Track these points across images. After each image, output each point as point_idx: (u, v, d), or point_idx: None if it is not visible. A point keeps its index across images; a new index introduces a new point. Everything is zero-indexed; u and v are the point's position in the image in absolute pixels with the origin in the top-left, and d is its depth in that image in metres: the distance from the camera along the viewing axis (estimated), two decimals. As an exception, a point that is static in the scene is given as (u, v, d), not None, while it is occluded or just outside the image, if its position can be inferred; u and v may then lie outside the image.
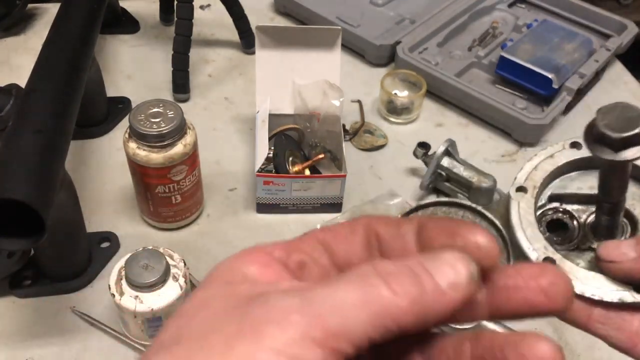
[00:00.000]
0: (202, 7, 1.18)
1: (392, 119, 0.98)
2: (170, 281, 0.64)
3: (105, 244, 0.77)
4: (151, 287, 0.62)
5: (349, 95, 0.95)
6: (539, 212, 0.35)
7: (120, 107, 0.96)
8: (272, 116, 0.86)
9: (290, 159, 0.84)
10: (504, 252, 0.34)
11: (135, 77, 1.04)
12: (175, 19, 0.97)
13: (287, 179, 0.79)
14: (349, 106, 0.98)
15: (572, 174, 0.36)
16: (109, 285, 0.64)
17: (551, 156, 0.35)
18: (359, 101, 0.99)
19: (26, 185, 0.55)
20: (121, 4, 1.14)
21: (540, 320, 0.73)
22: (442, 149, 0.82)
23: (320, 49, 0.86)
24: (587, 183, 0.36)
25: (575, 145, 0.35)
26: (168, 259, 0.65)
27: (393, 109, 0.98)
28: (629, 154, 0.28)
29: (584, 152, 0.35)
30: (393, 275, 0.23)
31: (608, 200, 0.32)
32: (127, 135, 0.71)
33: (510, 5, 1.19)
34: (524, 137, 0.95)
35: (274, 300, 0.22)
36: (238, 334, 0.22)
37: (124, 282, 0.63)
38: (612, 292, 0.31)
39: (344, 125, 0.88)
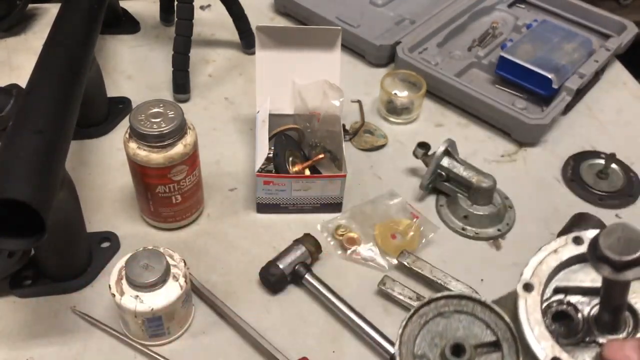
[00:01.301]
0: (202, 8, 1.19)
1: (392, 119, 0.98)
2: (170, 281, 0.64)
3: (105, 244, 0.77)
4: (151, 286, 0.62)
5: (349, 95, 0.95)
6: (544, 305, 0.37)
7: (120, 107, 0.96)
8: (272, 116, 0.86)
9: (290, 159, 0.84)
10: (513, 347, 0.35)
11: (135, 78, 1.04)
12: (176, 19, 0.97)
13: (287, 179, 0.79)
14: (349, 106, 0.98)
15: (575, 266, 0.38)
16: (109, 285, 0.64)
17: (555, 251, 0.37)
18: (359, 101, 0.99)
19: (26, 185, 0.55)
20: (121, 4, 1.14)
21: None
22: (442, 149, 0.82)
23: (320, 49, 0.86)
24: (590, 275, 0.37)
25: (577, 240, 0.37)
26: (168, 258, 0.65)
27: (393, 109, 0.98)
28: (630, 274, 0.30)
29: (586, 247, 0.37)
30: None
31: (610, 304, 0.34)
32: (127, 136, 0.71)
33: (510, 6, 1.19)
34: (524, 137, 0.95)
35: None
36: None
37: (124, 281, 0.63)
38: None
39: (344, 125, 0.88)
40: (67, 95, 0.68)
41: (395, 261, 0.76)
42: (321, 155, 0.85)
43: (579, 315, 0.37)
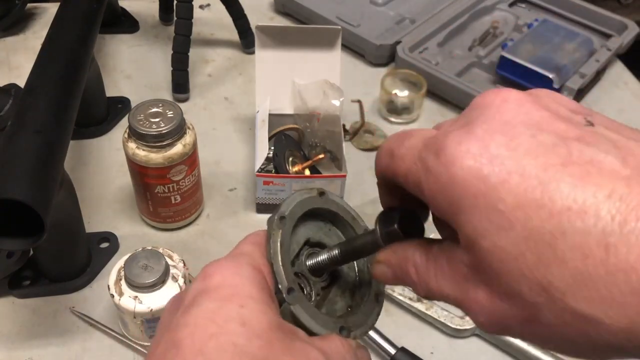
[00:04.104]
0: (201, 7, 1.18)
1: (392, 119, 0.98)
2: (169, 281, 0.64)
3: (104, 244, 0.77)
4: (150, 287, 0.62)
5: (349, 95, 0.95)
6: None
7: (119, 107, 0.96)
8: (272, 116, 0.85)
9: (290, 159, 0.84)
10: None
11: (134, 77, 1.04)
12: (175, 18, 0.97)
13: (287, 179, 0.79)
14: (349, 106, 0.98)
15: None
16: (108, 286, 0.64)
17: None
18: (359, 101, 0.99)
19: (26, 185, 0.54)
20: (121, 3, 1.14)
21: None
22: (442, 149, 0.82)
23: (320, 49, 0.86)
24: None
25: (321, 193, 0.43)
26: (167, 259, 0.64)
27: (393, 109, 0.98)
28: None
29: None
30: None
31: (348, 259, 0.40)
32: (126, 135, 0.71)
33: (511, 5, 1.19)
34: (525, 137, 0.95)
35: None
36: None
37: (123, 282, 0.63)
38: None
39: (344, 125, 0.88)
40: (66, 95, 0.67)
41: (395, 261, 0.76)
42: (321, 155, 0.85)
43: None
